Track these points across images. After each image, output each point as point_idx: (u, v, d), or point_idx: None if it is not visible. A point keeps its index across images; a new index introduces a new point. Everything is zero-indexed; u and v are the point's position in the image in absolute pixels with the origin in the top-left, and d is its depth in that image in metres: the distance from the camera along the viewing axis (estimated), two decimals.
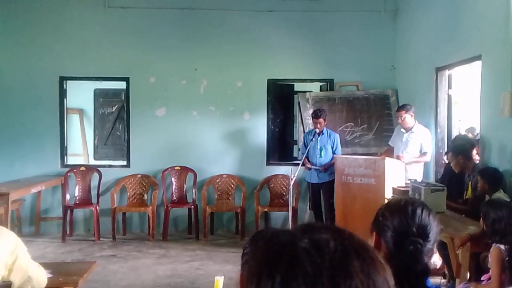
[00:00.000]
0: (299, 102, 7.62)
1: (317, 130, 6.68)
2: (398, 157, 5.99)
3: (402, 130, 6.16)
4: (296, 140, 8.03)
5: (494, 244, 3.25)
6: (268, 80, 7.66)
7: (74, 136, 8.91)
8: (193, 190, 7.39)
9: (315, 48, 7.61)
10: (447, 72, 6.04)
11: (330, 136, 6.72)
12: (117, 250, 6.59)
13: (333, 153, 6.65)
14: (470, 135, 6.15)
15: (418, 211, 1.64)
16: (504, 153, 4.57)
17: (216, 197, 7.50)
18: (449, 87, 6.09)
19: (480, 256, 3.80)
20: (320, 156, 6.67)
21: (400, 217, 1.64)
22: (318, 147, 6.68)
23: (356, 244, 0.76)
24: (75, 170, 7.43)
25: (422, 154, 6.02)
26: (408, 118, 6.04)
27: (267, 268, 0.73)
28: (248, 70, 7.62)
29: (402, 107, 6.15)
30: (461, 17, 5.49)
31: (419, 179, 5.47)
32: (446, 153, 5.38)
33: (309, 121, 7.32)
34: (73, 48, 7.47)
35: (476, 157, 5.03)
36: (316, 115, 6.65)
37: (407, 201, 1.71)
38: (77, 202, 7.32)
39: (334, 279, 0.70)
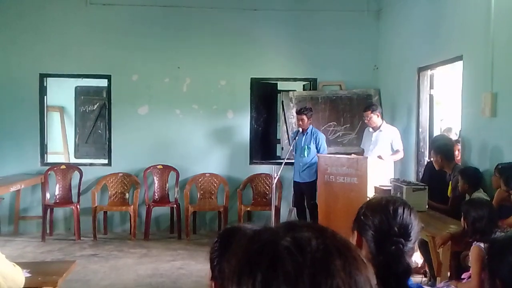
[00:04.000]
0: (282, 101, 7.62)
1: (300, 129, 6.68)
2: (379, 157, 6.05)
3: (371, 130, 6.32)
4: (279, 139, 8.03)
5: (475, 242, 3.28)
6: (252, 79, 7.65)
7: (55, 134, 8.78)
8: (176, 189, 7.34)
9: (299, 47, 7.61)
10: (429, 72, 6.09)
11: (313, 135, 6.69)
12: (98, 250, 6.52)
13: (318, 152, 6.62)
14: (449, 135, 6.21)
15: (400, 210, 1.63)
16: (485, 153, 4.62)
17: (198, 196, 7.45)
18: (431, 87, 6.15)
19: (461, 254, 3.84)
20: (303, 155, 6.65)
21: (382, 216, 1.62)
22: (301, 147, 6.67)
23: (338, 243, 0.75)
24: (55, 169, 7.32)
25: (395, 152, 6.15)
26: (375, 118, 6.20)
27: (248, 266, 0.72)
28: (231, 69, 7.59)
29: (368, 107, 6.30)
30: (443, 18, 5.54)
31: (391, 177, 5.64)
32: (430, 150, 5.42)
33: (292, 120, 7.33)
34: (53, 45, 7.36)
35: (457, 157, 5.08)
36: (298, 112, 6.68)
37: (388, 200, 1.70)
38: (57, 201, 7.22)
39: (315, 278, 0.69)
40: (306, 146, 6.64)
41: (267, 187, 7.40)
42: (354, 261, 0.73)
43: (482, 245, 3.21)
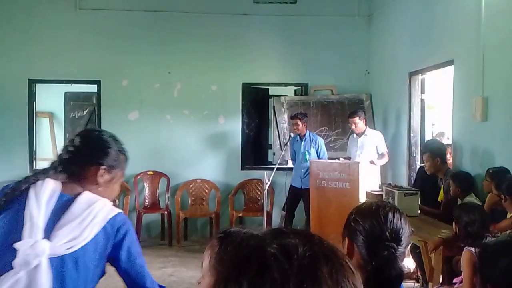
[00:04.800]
0: (274, 107, 7.60)
1: (292, 134, 6.69)
2: (371, 162, 6.07)
3: (355, 136, 6.45)
4: (271, 145, 8.01)
5: (466, 247, 3.27)
6: (243, 84, 7.62)
7: (44, 140, 8.69)
8: (166, 195, 7.29)
9: (290, 52, 7.60)
10: (420, 77, 6.10)
11: (312, 140, 6.66)
12: None
13: (319, 157, 6.57)
14: (442, 140, 6.23)
15: (390, 215, 1.62)
16: (476, 157, 4.63)
17: (190, 202, 7.40)
18: (422, 91, 6.16)
19: (453, 259, 3.82)
20: (305, 160, 6.61)
21: (373, 221, 1.61)
22: (301, 152, 6.65)
23: (326, 250, 0.75)
24: None
25: (381, 155, 6.25)
26: (360, 124, 6.35)
27: (234, 273, 0.72)
28: (222, 74, 7.57)
29: (354, 113, 6.41)
30: (434, 23, 5.56)
31: (378, 181, 5.73)
32: (423, 153, 5.40)
33: (284, 125, 7.31)
34: (43, 50, 7.30)
35: (449, 161, 5.10)
36: (292, 116, 6.69)
37: (378, 205, 1.68)
38: None
39: (302, 285, 0.69)
40: (306, 152, 6.61)
41: (259, 193, 7.37)
42: (341, 268, 0.73)
43: (473, 249, 3.20)
